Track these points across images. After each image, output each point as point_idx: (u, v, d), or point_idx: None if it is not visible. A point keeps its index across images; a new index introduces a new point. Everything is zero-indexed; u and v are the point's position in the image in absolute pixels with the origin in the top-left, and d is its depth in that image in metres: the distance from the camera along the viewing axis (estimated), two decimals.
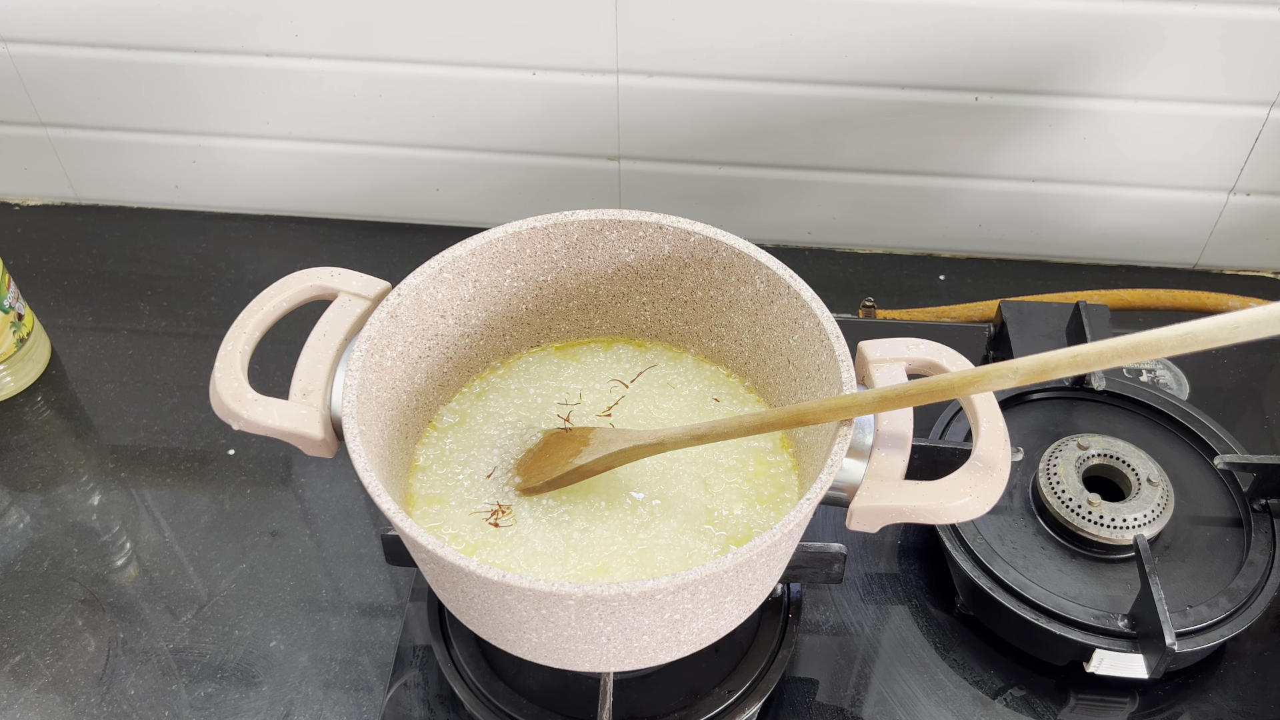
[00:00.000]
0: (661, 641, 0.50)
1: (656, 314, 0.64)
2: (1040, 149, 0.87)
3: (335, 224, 0.98)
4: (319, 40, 0.85)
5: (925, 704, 0.63)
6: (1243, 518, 0.66)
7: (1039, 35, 0.80)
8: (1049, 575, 0.63)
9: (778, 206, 0.94)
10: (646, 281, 0.62)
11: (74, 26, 0.86)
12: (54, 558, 0.72)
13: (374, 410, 0.54)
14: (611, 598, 0.45)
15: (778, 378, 0.59)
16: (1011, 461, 0.51)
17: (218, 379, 0.53)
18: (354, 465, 0.49)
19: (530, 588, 0.45)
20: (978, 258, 0.96)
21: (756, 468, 0.58)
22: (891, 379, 0.53)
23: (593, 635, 0.48)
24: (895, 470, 0.51)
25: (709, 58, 0.84)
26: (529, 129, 0.90)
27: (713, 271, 0.60)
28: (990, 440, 0.51)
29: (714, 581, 0.47)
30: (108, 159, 0.96)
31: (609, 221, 0.59)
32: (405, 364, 0.57)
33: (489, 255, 0.59)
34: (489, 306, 0.61)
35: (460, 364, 0.62)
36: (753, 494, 0.57)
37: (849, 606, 0.67)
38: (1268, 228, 0.92)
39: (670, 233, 0.59)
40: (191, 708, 0.65)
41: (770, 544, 0.47)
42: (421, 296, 0.57)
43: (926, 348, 0.54)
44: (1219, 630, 0.60)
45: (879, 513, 0.50)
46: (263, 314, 0.55)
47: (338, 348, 0.54)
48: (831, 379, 0.53)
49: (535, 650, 0.52)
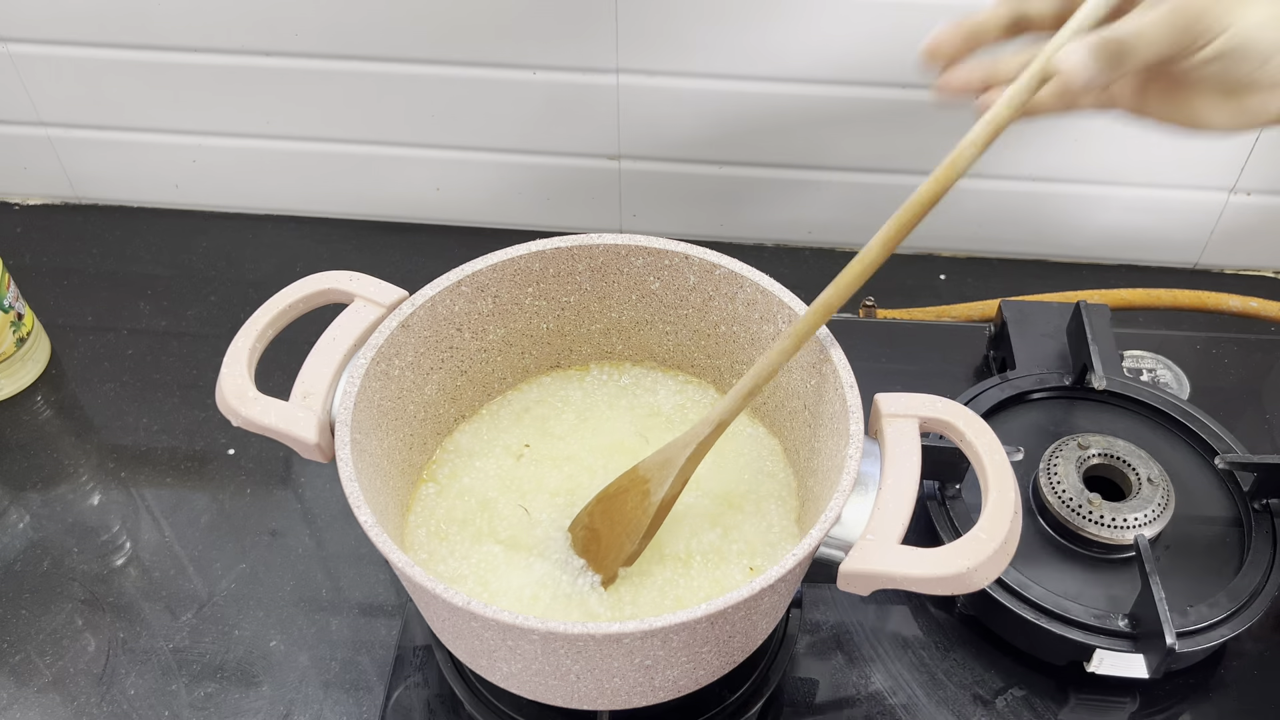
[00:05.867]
0: (634, 686, 0.49)
1: (679, 344, 0.63)
2: (1040, 148, 0.87)
3: (335, 223, 0.98)
4: (318, 40, 0.85)
5: (925, 704, 0.63)
6: (1243, 518, 0.66)
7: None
8: (1049, 575, 0.63)
9: (778, 206, 0.94)
10: (671, 311, 0.61)
11: (74, 26, 0.86)
12: (54, 557, 0.72)
13: (374, 419, 0.54)
14: (575, 636, 0.44)
15: (794, 421, 0.58)
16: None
17: (224, 374, 0.53)
18: (340, 473, 0.49)
19: (494, 618, 0.44)
20: (978, 257, 0.96)
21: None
22: (905, 435, 0.51)
23: (561, 672, 0.48)
24: (893, 532, 0.48)
25: (709, 57, 0.84)
26: (529, 128, 0.90)
27: (736, 307, 0.59)
28: (998, 512, 0.48)
29: (686, 631, 0.45)
30: (107, 158, 0.96)
31: (635, 247, 0.59)
32: (415, 375, 0.57)
33: (510, 272, 0.58)
34: (508, 323, 0.60)
35: (475, 379, 0.61)
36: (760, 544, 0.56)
37: (849, 606, 0.67)
38: (1269, 227, 0.92)
39: (696, 264, 0.58)
40: (191, 707, 0.65)
41: (747, 598, 0.45)
42: (436, 308, 0.56)
43: (943, 406, 0.52)
44: (1219, 630, 0.60)
45: (871, 578, 0.47)
46: (276, 313, 0.55)
47: (346, 353, 0.54)
48: (841, 429, 0.51)
49: (508, 679, 0.51)
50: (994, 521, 0.47)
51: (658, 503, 0.53)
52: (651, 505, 0.53)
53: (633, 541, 0.53)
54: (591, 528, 0.55)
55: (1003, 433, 0.70)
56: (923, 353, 0.82)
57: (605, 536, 0.54)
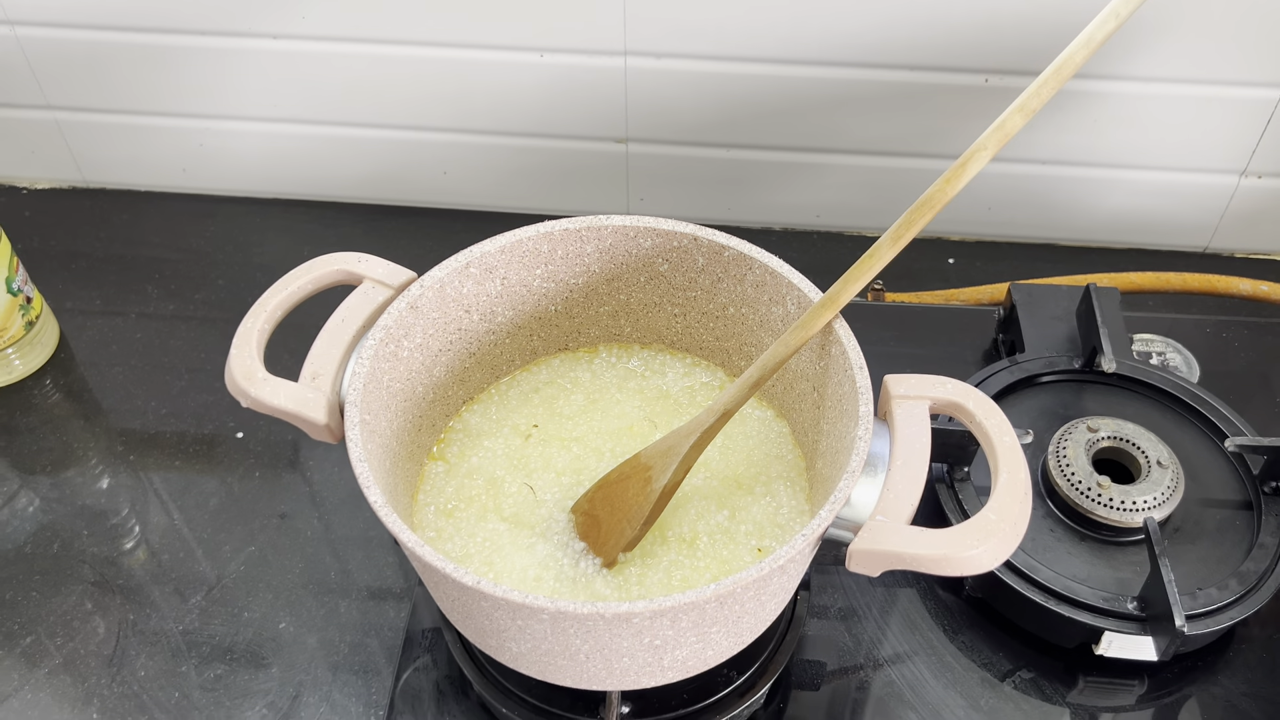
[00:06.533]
0: (644, 666, 0.49)
1: (688, 327, 0.62)
2: (1050, 131, 0.87)
3: (343, 207, 0.97)
4: (326, 22, 0.85)
5: (934, 686, 0.63)
6: (1253, 500, 0.66)
7: (1049, 16, 0.80)
8: (1058, 558, 0.63)
9: (786, 189, 0.94)
10: (680, 293, 0.61)
11: (80, 9, 0.86)
12: (63, 540, 0.73)
13: (383, 400, 0.54)
14: (585, 616, 0.44)
15: (803, 404, 0.58)
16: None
17: (233, 355, 0.53)
18: (349, 453, 0.49)
19: (504, 597, 0.44)
20: (987, 241, 0.96)
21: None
22: (915, 417, 0.51)
23: (570, 652, 0.48)
24: (903, 513, 0.48)
25: (717, 39, 0.83)
26: (536, 111, 0.90)
27: (745, 289, 0.58)
28: (1009, 493, 0.48)
29: (695, 611, 0.45)
30: (115, 142, 0.96)
31: (643, 229, 0.58)
32: (424, 356, 0.57)
33: (519, 254, 0.58)
34: (517, 305, 0.60)
35: (484, 361, 0.61)
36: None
37: (857, 589, 0.67)
38: (1279, 210, 0.91)
39: (704, 245, 0.58)
40: (201, 689, 0.65)
41: (756, 578, 0.45)
42: (445, 290, 0.56)
43: (953, 387, 0.52)
44: (1229, 613, 0.60)
45: (880, 557, 0.47)
46: (286, 294, 0.55)
47: (354, 334, 0.54)
48: (850, 411, 0.51)
49: (517, 659, 0.51)
50: (1004, 502, 0.47)
51: (659, 490, 0.53)
52: (653, 492, 0.53)
53: (633, 527, 0.53)
54: (592, 513, 0.56)
55: (1012, 416, 0.70)
56: (931, 336, 0.82)
57: (605, 522, 0.55)
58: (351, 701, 0.64)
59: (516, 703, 0.58)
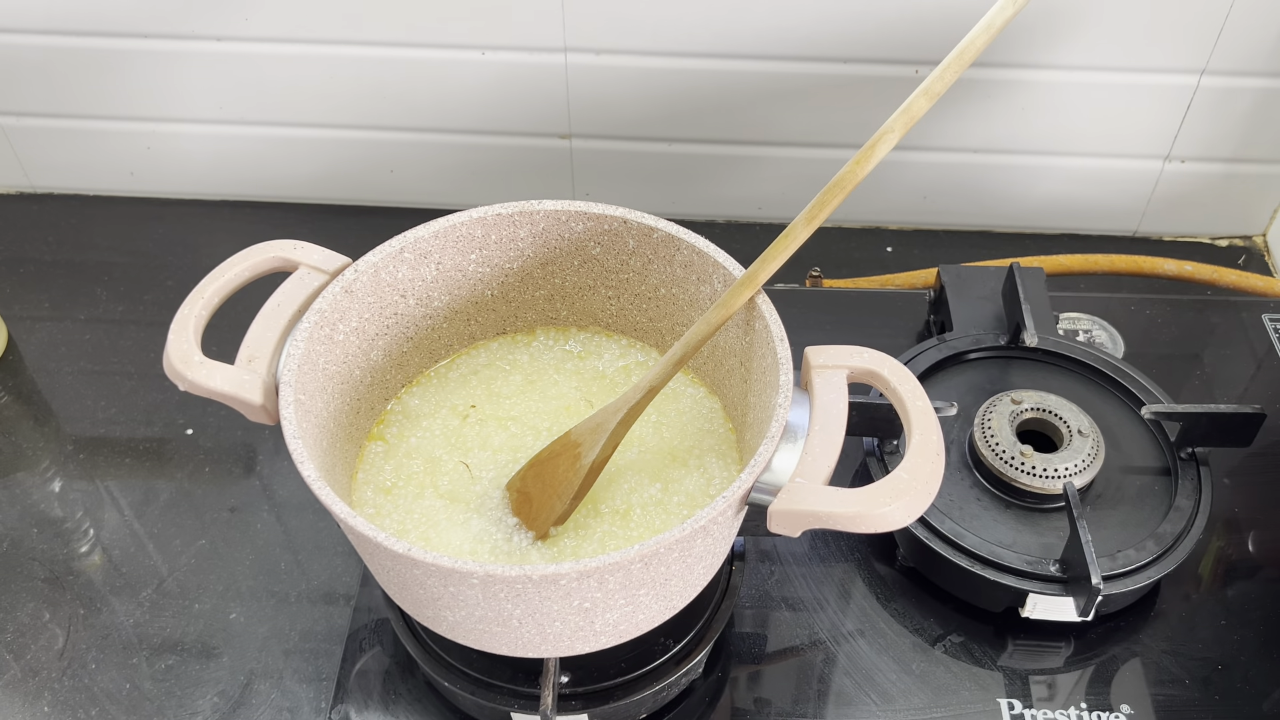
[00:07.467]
0: (576, 630, 0.50)
1: (623, 309, 0.64)
2: (979, 120, 0.89)
3: (290, 207, 0.98)
4: (269, 24, 0.86)
5: (868, 652, 0.65)
6: (1170, 466, 0.68)
7: (974, 9, 0.81)
8: (985, 525, 0.65)
9: (728, 182, 0.96)
10: (612, 276, 0.62)
11: (25, 13, 0.87)
12: (14, 539, 0.73)
13: (319, 382, 0.55)
14: (514, 579, 0.45)
15: (731, 379, 0.60)
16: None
17: (171, 340, 0.54)
18: (283, 432, 0.50)
19: (434, 563, 0.45)
20: (924, 229, 0.98)
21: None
22: (833, 385, 0.52)
23: (503, 618, 0.49)
24: (820, 474, 0.49)
25: (655, 34, 0.85)
26: (480, 109, 0.91)
27: (675, 269, 0.60)
28: (920, 453, 0.50)
29: (620, 571, 0.46)
30: (62, 146, 0.96)
31: (574, 213, 0.60)
32: (360, 340, 0.58)
33: (453, 239, 0.59)
34: (452, 290, 0.61)
35: (421, 345, 0.62)
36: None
37: (793, 560, 0.69)
38: (1203, 194, 0.94)
39: (634, 228, 0.59)
40: (153, 679, 0.66)
41: (679, 538, 0.46)
42: (380, 274, 0.58)
43: (869, 356, 0.53)
44: (1146, 572, 0.62)
45: (799, 516, 0.49)
46: (223, 281, 0.56)
47: (290, 318, 0.55)
48: (773, 382, 0.53)
49: (453, 629, 0.52)
50: (916, 463, 0.49)
51: (588, 465, 0.55)
52: (582, 468, 0.55)
53: (563, 502, 0.55)
54: (524, 490, 0.57)
55: (940, 391, 0.73)
56: (866, 319, 0.84)
57: (537, 498, 0.56)
58: (302, 687, 0.65)
59: (459, 676, 0.59)
